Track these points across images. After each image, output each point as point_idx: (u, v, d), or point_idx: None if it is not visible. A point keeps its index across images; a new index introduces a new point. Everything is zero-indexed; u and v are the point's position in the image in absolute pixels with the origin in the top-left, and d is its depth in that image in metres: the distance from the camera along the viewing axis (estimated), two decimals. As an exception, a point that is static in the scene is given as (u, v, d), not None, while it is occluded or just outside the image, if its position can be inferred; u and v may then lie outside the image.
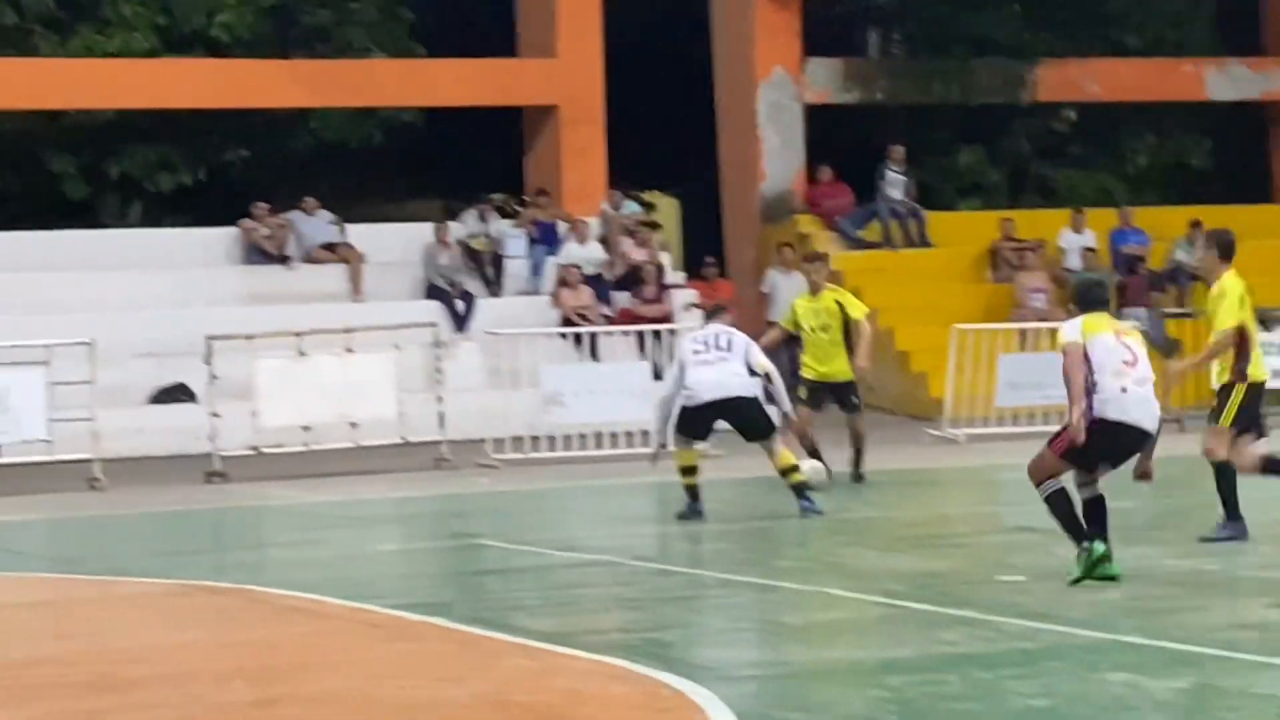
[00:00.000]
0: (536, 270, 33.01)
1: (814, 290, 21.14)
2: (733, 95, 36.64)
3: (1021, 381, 28.50)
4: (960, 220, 36.22)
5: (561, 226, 33.69)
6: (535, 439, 26.51)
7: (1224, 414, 15.44)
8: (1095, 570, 13.42)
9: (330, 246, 32.63)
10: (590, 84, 35.21)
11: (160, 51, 35.18)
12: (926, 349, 29.80)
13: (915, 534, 17.77)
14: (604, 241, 33.37)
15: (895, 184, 35.32)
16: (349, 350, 25.55)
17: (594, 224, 33.87)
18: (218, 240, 33.17)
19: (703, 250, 36.56)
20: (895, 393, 26.76)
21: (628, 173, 35.55)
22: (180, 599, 15.66)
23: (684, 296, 32.58)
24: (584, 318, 31.07)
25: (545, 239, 33.51)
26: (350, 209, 33.97)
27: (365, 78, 36.09)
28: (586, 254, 32.94)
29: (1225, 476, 15.43)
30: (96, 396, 25.24)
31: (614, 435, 26.46)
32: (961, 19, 37.97)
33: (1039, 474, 14.05)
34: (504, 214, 34.03)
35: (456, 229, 33.19)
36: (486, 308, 31.31)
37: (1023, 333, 30.16)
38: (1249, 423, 15.59)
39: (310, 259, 32.54)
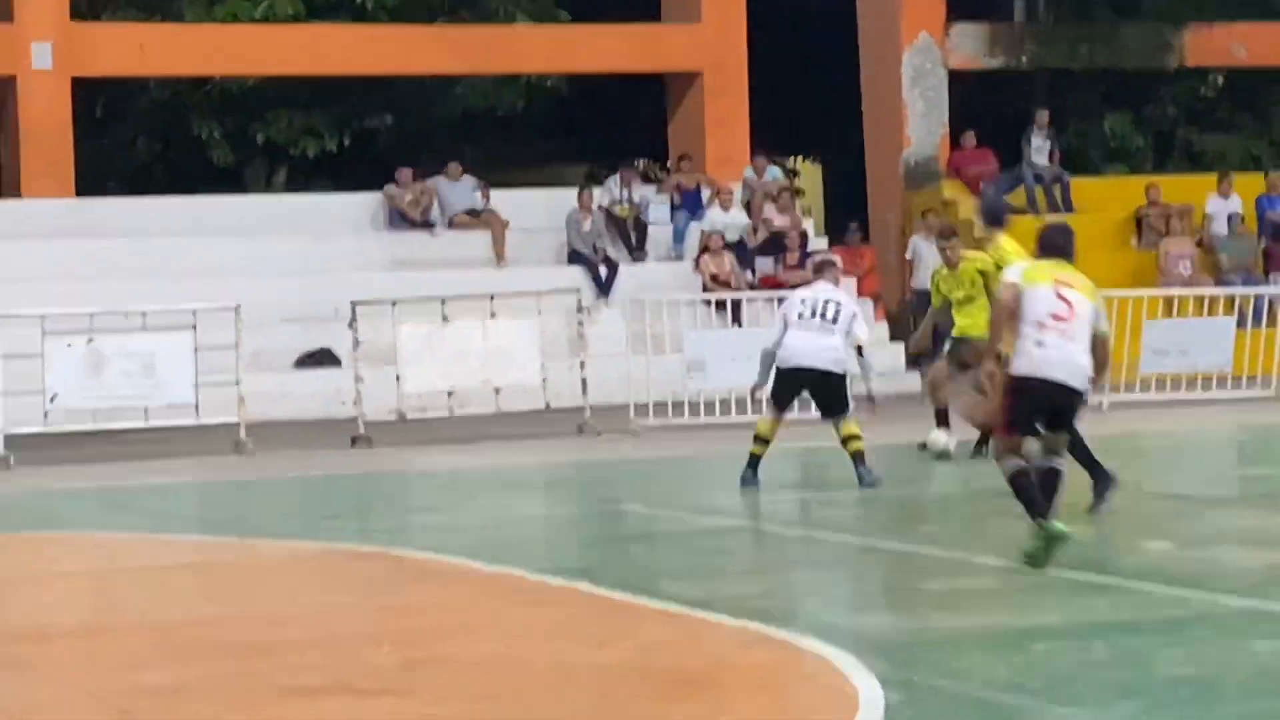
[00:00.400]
0: (679, 237, 33.07)
1: (950, 265, 20.93)
2: (877, 61, 36.58)
3: (1166, 348, 28.33)
4: (1105, 186, 36.08)
5: (705, 192, 33.76)
6: (677, 405, 26.57)
7: None
8: (1048, 549, 12.96)
9: (474, 212, 32.80)
10: (734, 50, 35.23)
11: (305, 17, 35.32)
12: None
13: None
14: (747, 207, 33.41)
15: (1040, 150, 35.21)
16: (492, 316, 25.67)
17: (737, 190, 33.91)
18: (362, 206, 33.43)
19: (846, 216, 36.55)
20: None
21: (771, 138, 35.56)
22: (327, 562, 15.83)
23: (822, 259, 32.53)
24: (726, 284, 31.09)
25: (688, 205, 33.56)
26: (493, 175, 34.09)
27: (509, 44, 36.19)
28: (729, 220, 32.99)
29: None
30: (242, 361, 25.46)
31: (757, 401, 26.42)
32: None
33: (996, 451, 13.75)
34: (647, 180, 34.13)
35: (599, 195, 33.29)
36: (629, 274, 31.41)
37: (1168, 299, 29.94)
38: None
39: (453, 225, 32.75)
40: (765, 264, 32.15)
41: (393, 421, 25.98)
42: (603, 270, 31.25)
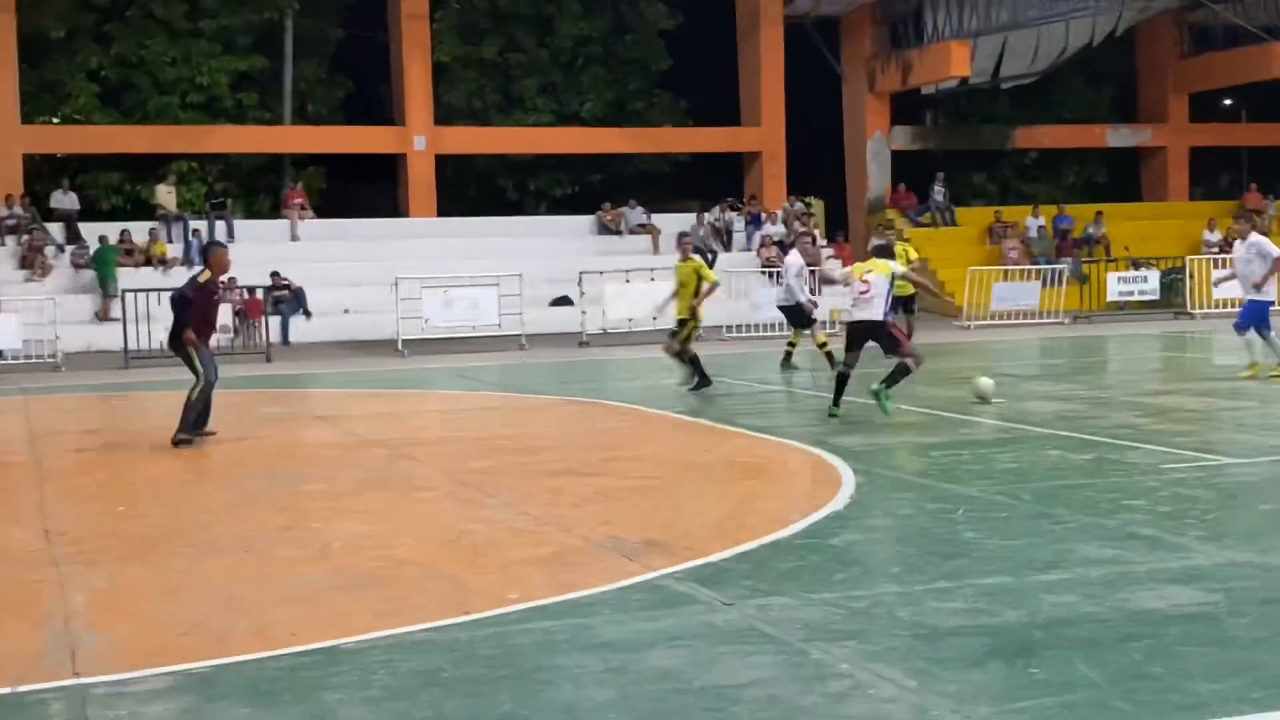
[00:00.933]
0: (749, 239, 32.97)
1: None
2: (853, 144, 36.32)
3: (1005, 297, 28.23)
4: (973, 213, 35.66)
5: (762, 215, 33.60)
6: (745, 325, 26.54)
7: None
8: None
9: (642, 225, 32.78)
10: (778, 140, 35.01)
11: (554, 122, 35.39)
12: (955, 280, 29.37)
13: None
14: (785, 223, 33.24)
15: (939, 193, 34.89)
16: (651, 280, 25.58)
17: (779, 214, 33.74)
18: (585, 223, 33.47)
19: (836, 226, 36.35)
20: (933, 304, 26.19)
21: (797, 186, 35.29)
22: (565, 406, 15.97)
23: (826, 252, 32.42)
24: (772, 263, 31.03)
25: (754, 222, 33.45)
26: (652, 205, 34.03)
27: (661, 137, 36.10)
28: (775, 229, 32.86)
29: None
30: (524, 303, 25.64)
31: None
32: (974, 103, 37.42)
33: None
34: (733, 209, 33.90)
35: (708, 217, 33.20)
36: (724, 259, 31.32)
37: (1005, 271, 29.75)
38: None
39: (632, 232, 32.72)
40: (793, 255, 32.10)
41: (600, 334, 25.85)
42: (710, 256, 31.18)
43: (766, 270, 30.22)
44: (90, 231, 29.01)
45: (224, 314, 24.93)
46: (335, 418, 14.92)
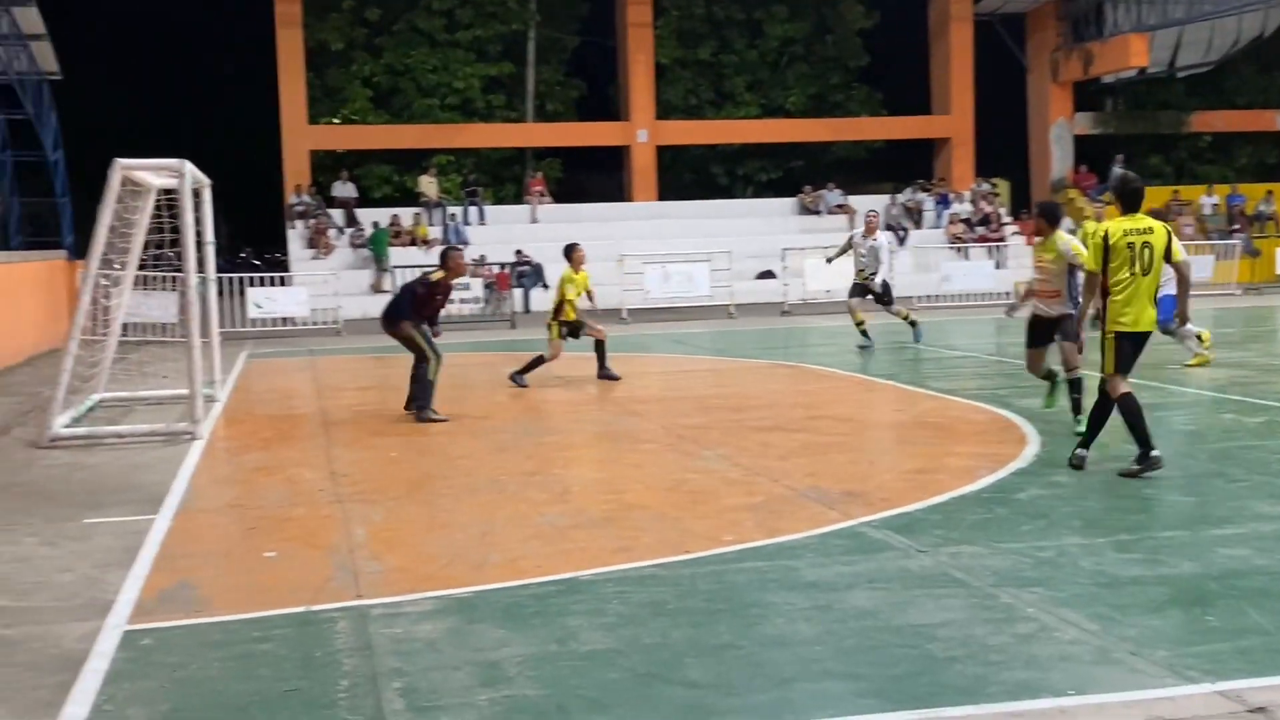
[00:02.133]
0: (938, 218, 32.25)
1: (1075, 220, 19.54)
2: (1037, 130, 35.26)
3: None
4: (1150, 191, 33.97)
5: (950, 196, 32.86)
6: (934, 296, 25.98)
7: None
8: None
9: (840, 206, 32.34)
10: (966, 127, 34.26)
11: (761, 115, 35.19)
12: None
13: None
14: (973, 202, 32.42)
15: (1117, 174, 33.62)
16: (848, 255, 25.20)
17: (968, 194, 32.95)
18: (788, 204, 33.20)
19: (1020, 205, 35.37)
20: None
21: (984, 169, 34.43)
22: (770, 369, 15.88)
23: (1010, 230, 31.53)
24: (960, 239, 30.31)
25: (943, 202, 32.72)
26: (848, 188, 33.55)
27: (859, 127, 35.66)
28: (963, 209, 32.09)
29: None
30: (732, 276, 25.59)
31: (972, 294, 25.84)
32: (1151, 90, 35.87)
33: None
34: (923, 190, 33.22)
35: (900, 197, 32.59)
36: (914, 235, 30.77)
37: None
38: None
39: (830, 212, 32.30)
40: (981, 230, 31.32)
41: (800, 304, 25.60)
42: (900, 233, 30.67)
43: (954, 246, 29.65)
44: (365, 216, 30.04)
45: (475, 286, 25.66)
46: (570, 378, 15.11)
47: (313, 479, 8.83)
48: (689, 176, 36.45)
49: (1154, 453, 7.83)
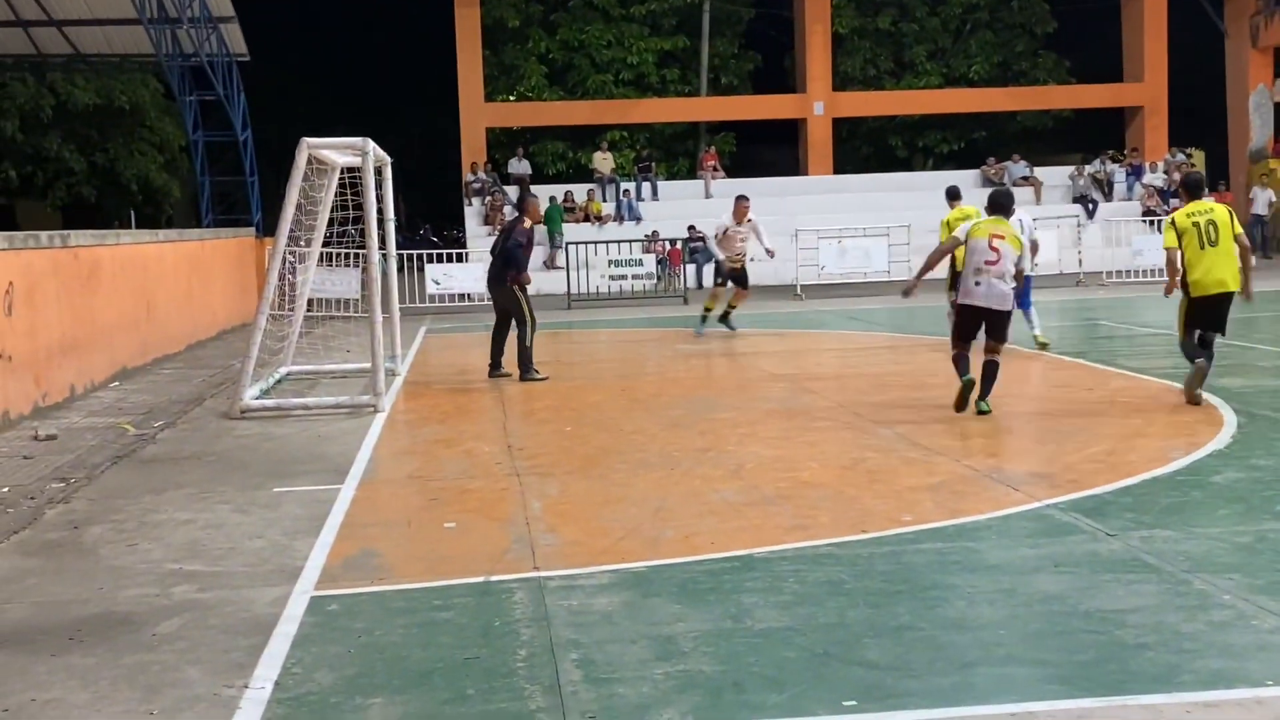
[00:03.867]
0: (1130, 189, 31.16)
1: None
2: (1236, 97, 33.68)
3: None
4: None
5: (1144, 166, 31.74)
6: (1127, 271, 25.13)
7: None
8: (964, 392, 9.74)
9: (1025, 178, 31.49)
10: (1160, 95, 33.03)
11: (942, 84, 34.52)
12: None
13: None
14: (1166, 173, 31.26)
15: (1322, 143, 32.06)
16: (1035, 227, 24.50)
17: (1163, 163, 31.77)
18: (970, 177, 32.21)
19: (1218, 176, 33.94)
20: None
21: (1178, 138, 33.16)
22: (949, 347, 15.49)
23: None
24: (1153, 212, 29.25)
25: (1135, 173, 31.61)
26: (1033, 158, 32.69)
27: (1045, 96, 34.74)
28: (1157, 178, 30.97)
29: None
30: (911, 251, 25.09)
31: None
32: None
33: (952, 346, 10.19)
34: (1114, 160, 32.13)
35: (1088, 169, 31.59)
36: (1103, 209, 29.82)
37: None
38: None
39: (1015, 184, 31.42)
40: (1175, 202, 30.18)
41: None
42: (1090, 206, 29.71)
43: (1146, 219, 28.62)
44: (540, 192, 30.40)
45: (648, 262, 25.78)
46: (743, 354, 15.09)
47: (490, 452, 9.01)
48: (866, 149, 36.02)
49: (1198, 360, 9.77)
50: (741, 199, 17.19)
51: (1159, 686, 4.22)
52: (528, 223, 13.37)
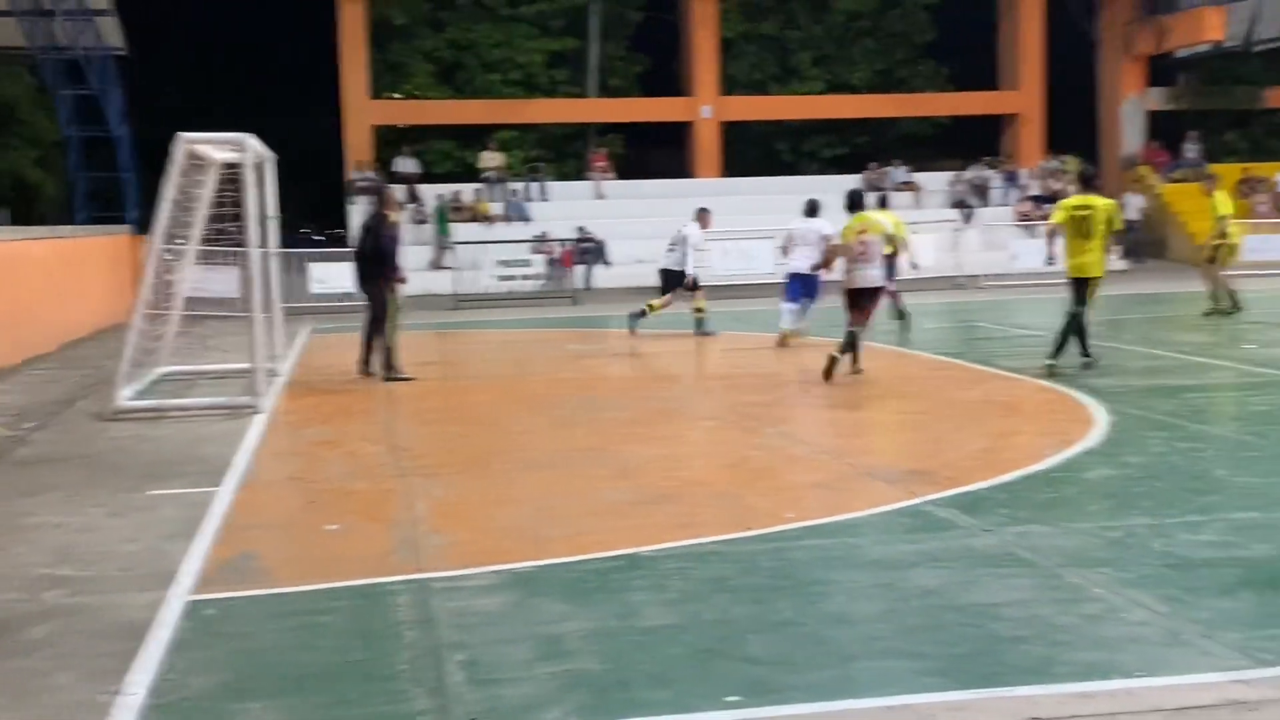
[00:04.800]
0: (1005, 194, 31.85)
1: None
2: (1108, 105, 34.71)
3: (1254, 249, 26.36)
4: (1224, 168, 33.36)
5: (1021, 172, 32.50)
6: (1002, 274, 25.64)
7: None
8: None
9: (905, 183, 32.02)
10: (1035, 103, 33.77)
11: (826, 90, 34.93)
12: (1206, 233, 27.76)
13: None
14: (1041, 179, 32.02)
15: (1191, 150, 33.03)
16: (915, 231, 24.87)
17: (1038, 170, 32.54)
18: (853, 181, 32.42)
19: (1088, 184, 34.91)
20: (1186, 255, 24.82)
21: (1053, 145, 33.97)
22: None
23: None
24: (1028, 216, 29.94)
25: (1010, 179, 32.33)
26: (914, 164, 33.23)
27: (924, 101, 35.27)
28: (1033, 185, 31.69)
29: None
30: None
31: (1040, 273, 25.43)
32: (1226, 65, 35.20)
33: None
34: (990, 166, 32.82)
35: (966, 174, 32.23)
36: (980, 212, 30.42)
37: (1255, 225, 27.88)
38: None
39: (896, 189, 31.95)
40: (1049, 208, 30.95)
41: None
42: (968, 210, 30.31)
43: (1021, 224, 29.28)
44: (427, 192, 30.17)
45: (537, 263, 25.69)
46: (632, 354, 15.12)
47: (375, 453, 8.90)
48: (753, 153, 36.23)
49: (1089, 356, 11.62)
50: (706, 210, 17.99)
51: (1034, 678, 4.30)
52: (393, 217, 13.07)
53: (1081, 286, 11.70)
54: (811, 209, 15.21)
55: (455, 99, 33.04)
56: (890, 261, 13.86)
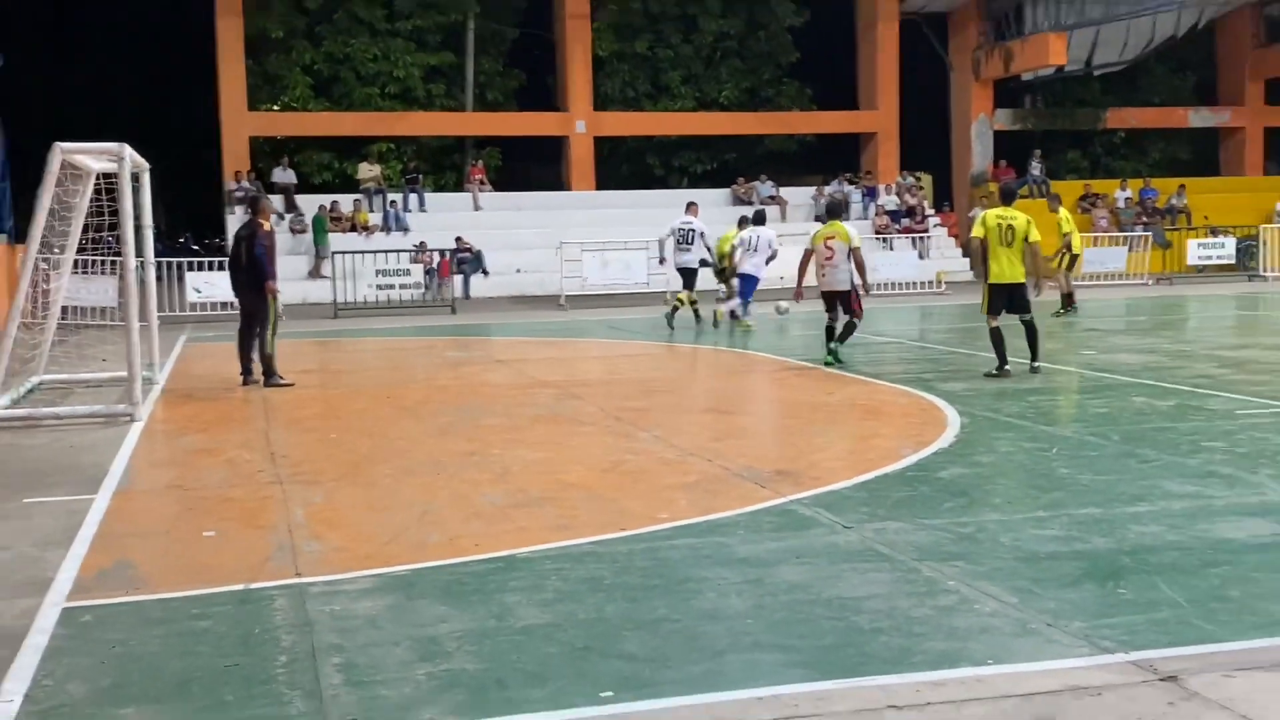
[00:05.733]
0: (866, 209, 32.43)
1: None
2: (959, 125, 35.48)
3: (1094, 261, 27.24)
4: (1066, 185, 34.49)
5: (879, 188, 33.11)
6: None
7: None
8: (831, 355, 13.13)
9: (771, 197, 32.41)
10: (892, 122, 34.44)
11: (695, 108, 35.16)
12: (1049, 246, 28.48)
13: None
14: (898, 195, 32.68)
15: (1035, 168, 33.97)
16: (781, 243, 25.15)
17: (894, 186, 33.19)
18: (722, 195, 32.99)
19: (943, 198, 35.67)
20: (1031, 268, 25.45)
21: (909, 163, 34.70)
22: (706, 354, 15.71)
23: (933, 222, 31.89)
24: (885, 230, 30.53)
25: (869, 194, 32.94)
26: (780, 179, 33.67)
27: (788, 120, 35.68)
28: (890, 200, 32.33)
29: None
30: (669, 264, 25.40)
31: (897, 283, 25.97)
32: (1068, 88, 36.32)
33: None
34: (851, 181, 33.39)
35: (828, 189, 32.68)
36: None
37: (1095, 239, 28.81)
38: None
39: (762, 202, 32.26)
40: (905, 221, 31.58)
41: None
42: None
43: (880, 236, 29.83)
44: (305, 203, 29.67)
45: (416, 273, 25.43)
46: (510, 361, 15.05)
47: (252, 460, 8.71)
48: (626, 167, 36.33)
49: (1006, 366, 11.87)
50: (694, 203, 20.12)
51: (892, 668, 4.39)
52: (267, 225, 12.85)
53: (1005, 292, 11.90)
54: (758, 218, 16.18)
55: (333, 111, 32.56)
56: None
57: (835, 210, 13.63)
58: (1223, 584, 5.28)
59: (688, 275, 19.15)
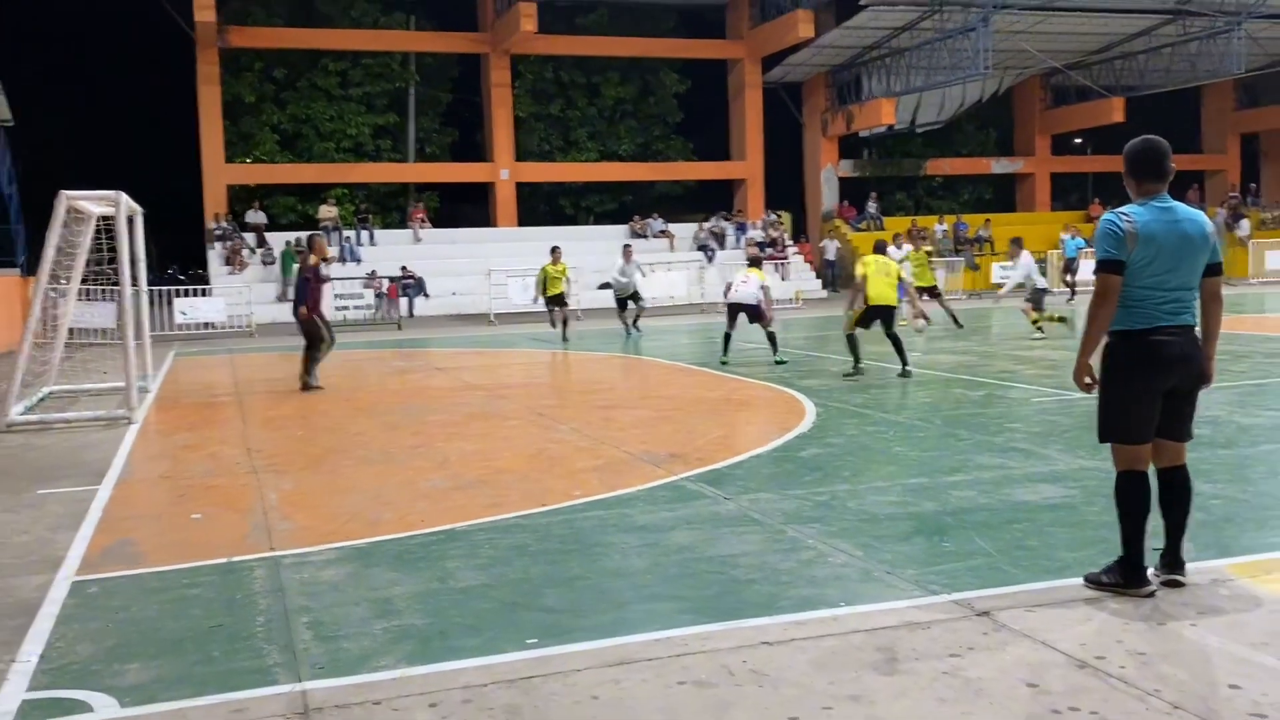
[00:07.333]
0: (738, 240, 32.65)
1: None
2: (811, 173, 35.88)
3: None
4: (896, 220, 35.13)
5: (748, 224, 33.35)
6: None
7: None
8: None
9: (662, 231, 32.48)
10: (758, 170, 34.69)
11: (599, 159, 35.14)
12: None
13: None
14: (763, 229, 32.96)
15: (872, 207, 34.50)
16: (669, 270, 25.29)
17: (760, 222, 33.46)
18: (621, 230, 32.96)
19: (799, 232, 36.03)
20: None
21: (772, 203, 35.01)
22: (611, 359, 15.65)
23: (792, 250, 32.17)
24: (757, 258, 30.72)
25: (741, 228, 33.16)
26: (669, 217, 33.76)
27: (674, 168, 35.76)
28: (757, 234, 32.58)
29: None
30: (579, 287, 25.22)
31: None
32: (897, 142, 36.94)
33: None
34: (726, 219, 33.62)
35: (707, 224, 32.91)
36: (722, 254, 31.15)
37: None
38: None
39: (655, 236, 32.39)
40: (769, 250, 31.83)
41: (632, 309, 24.82)
42: (710, 254, 30.95)
43: (749, 262, 29.99)
44: (274, 239, 29.08)
45: (368, 295, 25.05)
46: (448, 369, 14.89)
47: (231, 454, 8.52)
48: (543, 207, 36.21)
49: (860, 365, 12.35)
50: (628, 246, 20.12)
51: (763, 611, 4.42)
52: (313, 259, 12.41)
53: (879, 311, 12.21)
54: (753, 261, 14.67)
55: (296, 163, 31.98)
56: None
57: (755, 262, 14.80)
58: (1023, 536, 5.41)
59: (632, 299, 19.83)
